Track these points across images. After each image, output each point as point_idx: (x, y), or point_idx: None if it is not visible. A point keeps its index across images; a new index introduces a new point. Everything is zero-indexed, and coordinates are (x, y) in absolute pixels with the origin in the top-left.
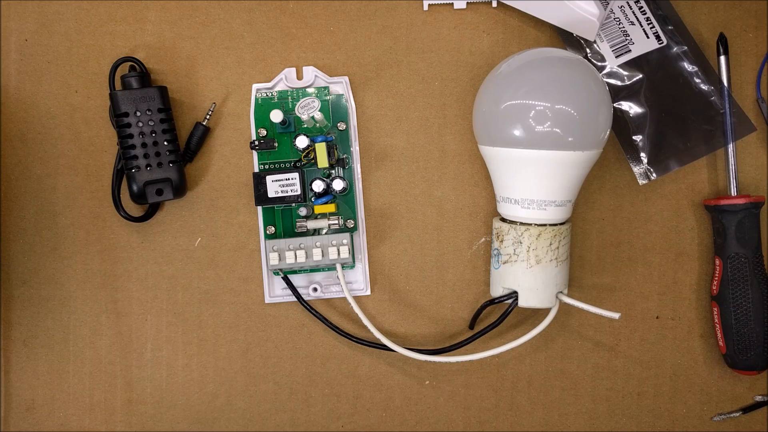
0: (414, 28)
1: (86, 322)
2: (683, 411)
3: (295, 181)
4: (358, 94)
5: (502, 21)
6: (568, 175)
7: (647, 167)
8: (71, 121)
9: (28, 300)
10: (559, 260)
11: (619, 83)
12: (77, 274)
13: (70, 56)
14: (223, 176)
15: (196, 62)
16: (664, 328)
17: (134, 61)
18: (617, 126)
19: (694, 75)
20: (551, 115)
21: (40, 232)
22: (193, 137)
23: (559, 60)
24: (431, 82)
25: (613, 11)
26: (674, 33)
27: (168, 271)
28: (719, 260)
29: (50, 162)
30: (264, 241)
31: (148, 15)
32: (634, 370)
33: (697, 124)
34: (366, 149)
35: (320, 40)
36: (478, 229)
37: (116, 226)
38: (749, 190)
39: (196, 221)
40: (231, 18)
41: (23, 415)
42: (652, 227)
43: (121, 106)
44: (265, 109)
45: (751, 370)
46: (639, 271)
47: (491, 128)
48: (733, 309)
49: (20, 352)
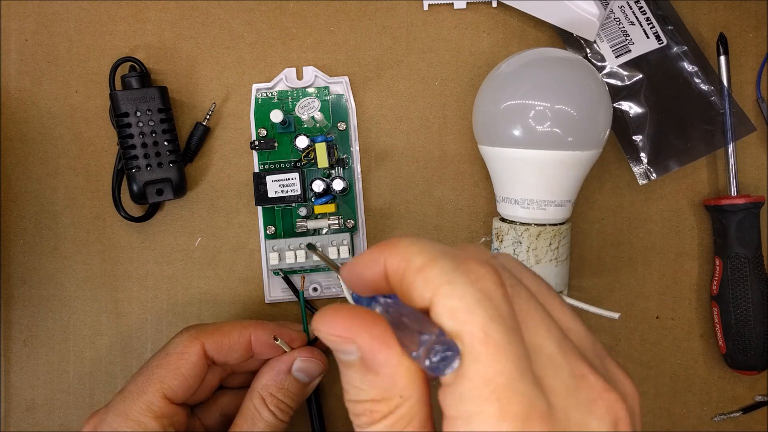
0: (414, 28)
1: (86, 322)
2: (683, 411)
3: (295, 181)
4: (358, 94)
5: (502, 21)
6: (567, 175)
7: (647, 167)
8: (71, 121)
9: (28, 300)
10: (558, 260)
11: (619, 83)
12: (77, 274)
13: (71, 56)
14: (223, 176)
15: (196, 62)
16: (664, 328)
17: (134, 61)
18: (617, 126)
19: (694, 75)
20: (551, 115)
21: (40, 231)
22: (194, 137)
23: (559, 60)
24: (431, 82)
25: (613, 11)
26: (674, 33)
27: (168, 271)
28: (719, 260)
29: (50, 162)
30: (264, 241)
31: (149, 15)
32: (634, 370)
33: (697, 124)
34: (366, 149)
35: (320, 40)
36: (478, 229)
37: (116, 226)
38: (749, 190)
39: (196, 221)
40: (231, 18)
41: (23, 414)
42: (652, 227)
43: (122, 106)
44: (265, 109)
45: (751, 370)
46: (639, 271)
47: (491, 128)
48: (733, 309)
49: (20, 352)
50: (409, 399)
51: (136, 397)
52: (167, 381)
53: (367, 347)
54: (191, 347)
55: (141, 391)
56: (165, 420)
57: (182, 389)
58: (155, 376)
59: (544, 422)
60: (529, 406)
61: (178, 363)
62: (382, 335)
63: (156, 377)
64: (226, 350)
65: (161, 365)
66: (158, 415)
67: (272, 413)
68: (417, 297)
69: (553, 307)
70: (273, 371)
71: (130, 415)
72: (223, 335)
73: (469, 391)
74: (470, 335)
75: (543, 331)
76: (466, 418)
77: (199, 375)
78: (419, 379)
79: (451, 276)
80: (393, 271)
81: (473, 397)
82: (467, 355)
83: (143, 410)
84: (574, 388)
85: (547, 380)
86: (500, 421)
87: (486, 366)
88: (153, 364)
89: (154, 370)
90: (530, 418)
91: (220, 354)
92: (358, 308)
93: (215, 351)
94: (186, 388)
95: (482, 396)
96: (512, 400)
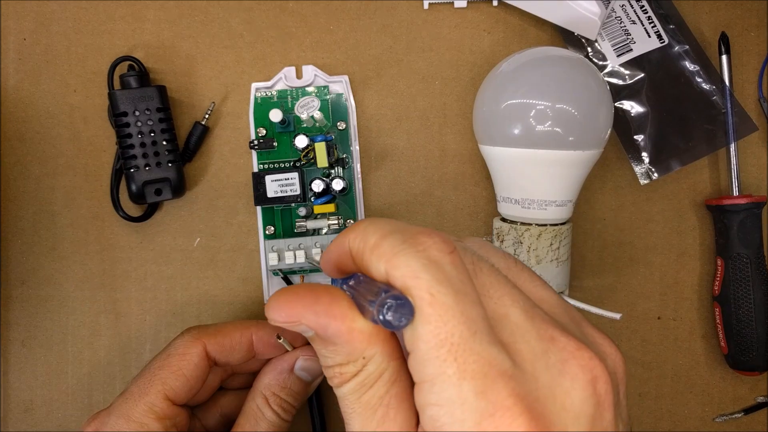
0: (414, 27)
1: (85, 323)
2: (685, 412)
3: (294, 180)
4: (357, 93)
5: (503, 20)
6: (568, 175)
7: (649, 167)
8: (70, 121)
9: (26, 300)
10: (559, 260)
11: (620, 82)
12: (76, 275)
13: (69, 55)
14: (222, 176)
15: (195, 61)
16: (665, 329)
17: (133, 60)
18: (618, 125)
19: (696, 74)
20: (552, 114)
21: (38, 232)
22: (192, 137)
23: (560, 59)
24: (431, 81)
25: (615, 10)
26: (676, 32)
27: (167, 271)
28: (721, 260)
29: (49, 162)
30: (263, 241)
31: (147, 14)
32: (635, 371)
33: (699, 124)
34: (366, 149)
35: (320, 39)
36: (478, 230)
37: (115, 226)
38: (751, 190)
39: (195, 221)
40: (230, 17)
41: (22, 415)
42: (653, 227)
43: (120, 105)
44: (264, 108)
45: (752, 371)
46: (640, 272)
47: (491, 128)
48: (734, 309)
49: (18, 353)
50: (373, 357)
51: (138, 398)
52: (169, 382)
53: (313, 324)
54: (193, 348)
55: (143, 392)
56: (167, 421)
57: (184, 390)
58: (157, 378)
59: (507, 381)
60: (488, 364)
61: (180, 364)
62: (326, 310)
63: (158, 378)
64: (228, 350)
65: (163, 366)
66: (160, 416)
67: (275, 413)
68: (375, 271)
69: (522, 280)
70: (275, 371)
71: (132, 416)
72: (225, 335)
73: (426, 354)
74: (419, 298)
75: (507, 301)
76: (430, 381)
77: (201, 376)
78: (380, 339)
79: (399, 248)
80: (354, 251)
81: (432, 359)
82: (418, 318)
83: (145, 411)
84: (543, 351)
85: (515, 346)
86: (460, 380)
87: (437, 326)
88: (155, 365)
89: (155, 371)
90: (490, 376)
91: (222, 354)
92: (303, 288)
93: (217, 351)
94: (188, 389)
95: (440, 357)
96: (469, 359)
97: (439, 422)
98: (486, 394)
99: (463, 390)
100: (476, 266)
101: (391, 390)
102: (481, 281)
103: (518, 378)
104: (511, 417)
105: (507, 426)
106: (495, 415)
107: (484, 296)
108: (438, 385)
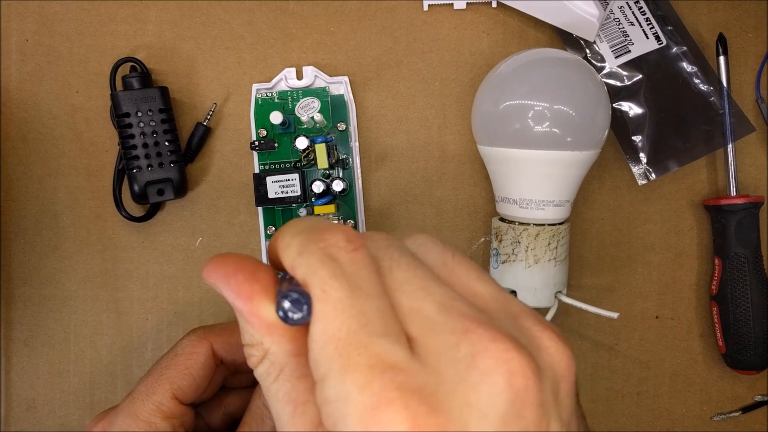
0: (414, 28)
1: (87, 322)
2: (683, 411)
3: (295, 181)
4: (358, 94)
5: (502, 21)
6: (566, 175)
7: (646, 167)
8: (72, 122)
9: (29, 299)
10: (557, 260)
11: (618, 83)
12: (78, 274)
13: (71, 56)
14: (223, 176)
15: (196, 62)
16: (663, 328)
17: (135, 61)
18: (616, 126)
19: (694, 75)
20: (550, 115)
21: (41, 231)
22: (194, 137)
23: (558, 60)
24: (431, 82)
25: (613, 12)
26: (674, 33)
27: (169, 271)
28: (719, 260)
29: (51, 162)
30: (265, 242)
31: (149, 15)
32: (633, 370)
33: (697, 125)
34: (366, 149)
35: (320, 41)
36: (477, 229)
37: (117, 226)
38: (749, 190)
39: (197, 221)
40: (231, 18)
41: (24, 414)
42: (651, 227)
43: (123, 106)
44: (265, 109)
45: (750, 370)
46: (638, 271)
47: (490, 128)
48: (732, 309)
49: (21, 352)
50: (270, 349)
51: (146, 398)
52: (176, 381)
53: (226, 295)
54: (200, 347)
55: (150, 392)
56: (175, 420)
57: (192, 389)
58: (164, 377)
59: (396, 374)
60: (375, 357)
61: (187, 363)
62: (238, 286)
63: (165, 378)
64: (234, 348)
65: (170, 366)
66: (168, 415)
67: None
68: (289, 270)
69: (457, 275)
70: None
71: (140, 415)
72: (231, 334)
73: (317, 353)
74: (314, 296)
75: (421, 294)
76: (321, 381)
77: (207, 375)
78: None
79: (303, 247)
80: (274, 250)
81: (321, 358)
82: (313, 317)
83: (153, 411)
84: (454, 344)
85: (422, 339)
86: (343, 374)
87: (325, 323)
88: (161, 365)
89: (162, 371)
90: (376, 369)
91: (229, 353)
92: (234, 258)
93: (224, 350)
94: (195, 388)
95: (328, 355)
96: (353, 353)
97: (331, 419)
98: (369, 388)
99: (346, 384)
100: (393, 262)
101: (297, 386)
102: (395, 276)
103: (411, 371)
104: (394, 411)
105: (389, 420)
106: (378, 408)
107: (397, 291)
108: (327, 382)
